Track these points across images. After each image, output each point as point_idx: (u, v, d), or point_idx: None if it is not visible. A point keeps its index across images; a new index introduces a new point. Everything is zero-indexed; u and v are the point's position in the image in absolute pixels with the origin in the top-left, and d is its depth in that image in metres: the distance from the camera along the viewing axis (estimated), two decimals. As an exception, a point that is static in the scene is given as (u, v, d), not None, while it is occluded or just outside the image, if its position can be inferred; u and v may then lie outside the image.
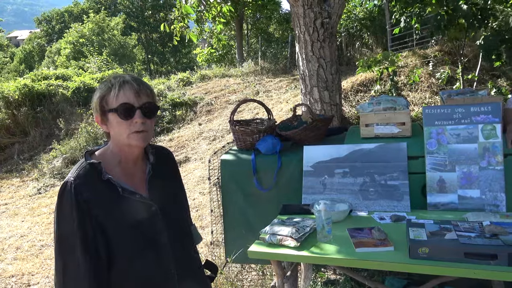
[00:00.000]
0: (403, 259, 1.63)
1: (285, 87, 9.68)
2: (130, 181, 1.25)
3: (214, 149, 6.69)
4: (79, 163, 1.22)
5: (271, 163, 2.56)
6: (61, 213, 1.15)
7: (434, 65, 7.19)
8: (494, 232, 1.64)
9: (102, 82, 1.23)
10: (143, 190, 1.27)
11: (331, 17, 4.12)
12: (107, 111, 1.20)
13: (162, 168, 1.35)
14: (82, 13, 31.08)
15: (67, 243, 1.14)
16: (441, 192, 2.17)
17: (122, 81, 1.20)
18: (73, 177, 1.16)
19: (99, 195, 1.17)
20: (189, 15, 5.96)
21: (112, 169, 1.22)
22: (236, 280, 3.02)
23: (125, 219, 1.20)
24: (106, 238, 1.17)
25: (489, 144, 2.13)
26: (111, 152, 1.26)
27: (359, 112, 2.60)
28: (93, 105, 1.23)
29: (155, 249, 1.24)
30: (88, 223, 1.14)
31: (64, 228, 1.14)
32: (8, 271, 3.98)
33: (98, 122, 1.23)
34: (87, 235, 1.14)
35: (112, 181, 1.19)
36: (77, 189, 1.14)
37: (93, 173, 1.18)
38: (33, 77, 11.13)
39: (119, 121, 1.19)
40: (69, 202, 1.13)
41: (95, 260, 1.15)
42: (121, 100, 1.18)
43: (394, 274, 2.63)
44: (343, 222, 2.07)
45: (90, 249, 1.14)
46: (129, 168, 1.27)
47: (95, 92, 1.23)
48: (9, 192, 7.17)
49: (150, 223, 1.24)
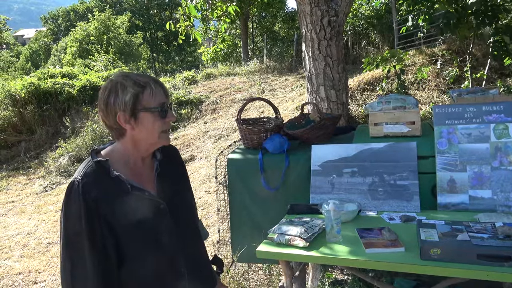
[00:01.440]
0: (414, 260, 1.61)
1: (290, 86, 9.65)
2: (138, 179, 1.23)
3: (220, 148, 6.69)
4: (85, 161, 1.21)
5: (278, 162, 2.54)
6: (68, 213, 1.13)
7: (442, 63, 7.13)
8: (508, 233, 1.61)
9: (122, 81, 1.18)
10: (152, 187, 1.26)
11: (338, 15, 4.09)
12: (140, 110, 1.18)
13: (169, 165, 1.35)
14: (88, 12, 31.18)
15: (75, 243, 1.12)
16: (452, 192, 2.14)
17: (154, 80, 1.21)
18: (80, 176, 1.15)
19: (108, 194, 1.15)
20: (193, 15, 5.95)
21: (120, 168, 1.21)
22: (242, 279, 3.01)
23: (134, 217, 1.18)
24: (115, 237, 1.16)
25: (501, 143, 2.09)
26: (119, 151, 1.24)
27: (368, 111, 2.57)
28: (119, 104, 1.16)
29: (165, 247, 1.23)
30: (97, 222, 1.13)
31: (71, 228, 1.13)
32: (15, 268, 4.00)
33: (122, 121, 1.18)
34: (96, 234, 1.12)
35: (121, 178, 1.17)
36: (84, 188, 1.12)
37: (101, 171, 1.17)
38: (39, 76, 11.18)
39: (155, 120, 1.20)
40: (77, 201, 1.12)
41: (104, 260, 1.14)
42: (159, 100, 1.20)
43: (403, 275, 2.60)
44: (352, 222, 2.04)
45: (99, 249, 1.13)
46: (137, 167, 1.26)
47: (117, 90, 1.17)
48: (16, 190, 7.22)
49: (159, 221, 1.23)
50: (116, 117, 1.18)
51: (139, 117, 1.18)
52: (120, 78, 1.19)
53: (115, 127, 1.21)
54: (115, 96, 1.17)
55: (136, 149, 1.24)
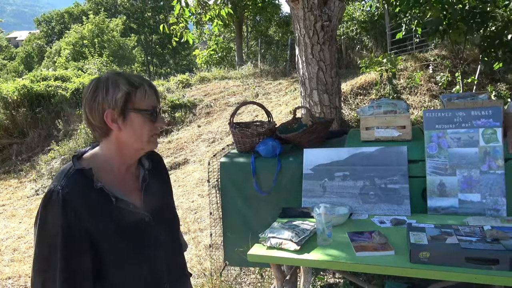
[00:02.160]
0: (404, 263, 1.62)
1: (284, 90, 9.68)
2: (122, 188, 1.16)
3: (213, 151, 6.68)
4: (65, 169, 1.11)
5: (270, 166, 2.55)
6: (44, 225, 1.05)
7: (434, 69, 7.21)
8: (495, 236, 1.63)
9: (113, 78, 1.12)
10: (137, 198, 1.19)
11: (331, 20, 4.12)
12: (130, 110, 1.12)
13: (156, 174, 1.29)
14: (82, 14, 31.09)
15: (48, 260, 1.04)
16: (442, 196, 2.16)
17: (148, 83, 1.16)
18: (60, 185, 1.05)
19: (91, 206, 1.07)
20: (187, 17, 5.96)
21: (104, 176, 1.13)
22: (235, 283, 3.00)
23: (117, 229, 1.12)
24: (96, 250, 1.09)
25: (490, 148, 2.12)
26: (104, 156, 1.16)
27: (360, 115, 2.59)
28: (108, 101, 1.10)
29: (148, 260, 1.19)
30: (76, 237, 1.05)
31: (46, 242, 1.05)
32: (5, 273, 3.95)
33: (109, 119, 1.10)
34: (72, 250, 1.05)
35: (105, 189, 1.09)
36: (66, 198, 1.03)
37: (83, 181, 1.08)
38: (32, 78, 11.11)
39: (145, 123, 1.14)
40: (56, 213, 1.03)
41: (77, 279, 1.06)
42: (151, 102, 1.15)
43: (394, 278, 2.62)
44: (343, 226, 2.06)
45: (73, 266, 1.05)
46: (121, 174, 1.19)
47: (108, 87, 1.11)
48: (7, 193, 7.14)
49: (144, 234, 1.18)
50: (103, 114, 1.10)
51: (128, 118, 1.12)
52: (112, 75, 1.13)
53: (99, 126, 1.13)
54: (105, 92, 1.10)
55: (121, 154, 1.17)
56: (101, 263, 1.10)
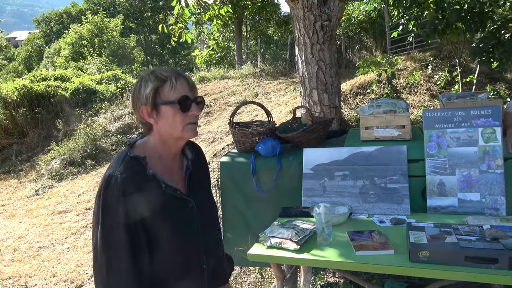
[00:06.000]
0: (404, 262, 1.63)
1: (284, 90, 9.68)
2: (169, 176, 1.25)
3: (213, 151, 6.68)
4: (120, 155, 1.21)
5: (270, 165, 2.55)
6: (106, 207, 1.13)
7: (433, 68, 7.21)
8: (495, 235, 1.63)
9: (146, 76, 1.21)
10: (182, 186, 1.28)
11: (331, 19, 4.12)
12: (161, 104, 1.19)
13: (198, 165, 1.37)
14: (81, 14, 31.06)
15: (112, 238, 1.13)
16: (441, 195, 2.17)
17: (176, 74, 1.21)
18: (119, 171, 1.15)
19: (144, 191, 1.16)
20: (186, 17, 5.96)
21: (154, 163, 1.22)
22: (235, 282, 3.01)
23: (166, 216, 1.20)
24: (148, 235, 1.17)
25: (489, 147, 2.13)
26: (153, 146, 1.25)
27: (359, 114, 2.60)
28: (141, 98, 1.20)
29: (192, 245, 1.27)
30: (134, 218, 1.14)
31: (109, 222, 1.13)
32: (5, 273, 3.95)
33: (145, 114, 1.21)
34: (132, 230, 1.14)
35: (156, 176, 1.19)
36: (123, 183, 1.13)
37: (137, 167, 1.18)
38: (31, 78, 11.09)
39: (176, 114, 1.20)
40: (116, 196, 1.12)
41: (139, 256, 1.15)
42: (179, 93, 1.20)
43: (394, 277, 2.63)
44: (343, 225, 2.06)
45: (134, 245, 1.14)
46: (168, 163, 1.28)
47: (141, 85, 1.21)
48: (7, 193, 7.14)
49: (189, 220, 1.26)
50: (140, 111, 1.21)
51: (160, 111, 1.20)
52: (146, 74, 1.22)
53: (142, 122, 1.24)
54: (138, 90, 1.21)
55: (164, 144, 1.25)
56: (150, 246, 1.18)
